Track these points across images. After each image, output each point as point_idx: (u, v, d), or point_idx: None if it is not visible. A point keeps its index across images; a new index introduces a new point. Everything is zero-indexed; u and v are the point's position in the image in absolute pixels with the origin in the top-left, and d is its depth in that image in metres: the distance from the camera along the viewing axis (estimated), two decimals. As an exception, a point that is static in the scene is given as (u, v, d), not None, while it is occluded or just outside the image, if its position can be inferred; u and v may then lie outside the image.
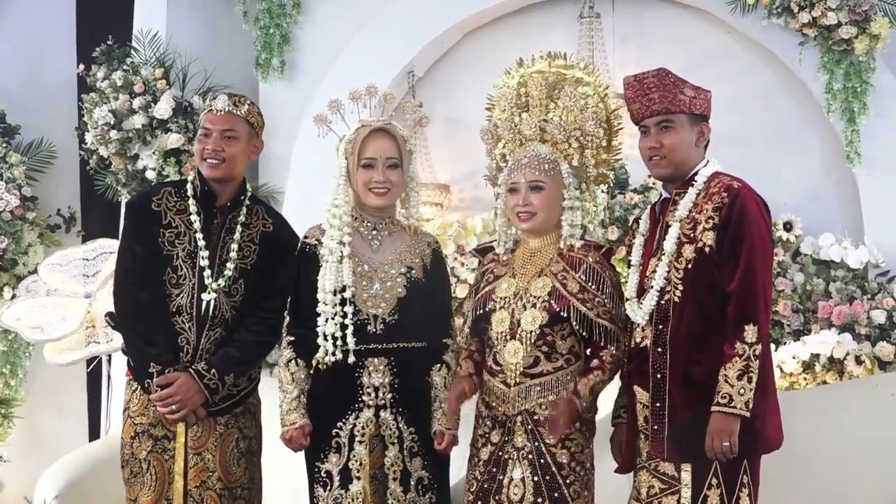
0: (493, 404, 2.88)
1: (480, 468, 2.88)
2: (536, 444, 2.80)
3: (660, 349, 2.68)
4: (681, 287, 2.67)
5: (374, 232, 3.00)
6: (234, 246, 3.04)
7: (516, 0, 4.79)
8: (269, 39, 5.00)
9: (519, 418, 2.82)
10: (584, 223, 2.91)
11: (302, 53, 5.06)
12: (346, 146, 2.98)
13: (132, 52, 4.90)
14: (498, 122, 3.01)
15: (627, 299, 2.82)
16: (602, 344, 2.81)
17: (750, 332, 2.57)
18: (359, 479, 2.86)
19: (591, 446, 2.87)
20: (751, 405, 2.55)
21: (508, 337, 2.84)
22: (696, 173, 2.75)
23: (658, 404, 2.67)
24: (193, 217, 3.03)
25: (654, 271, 2.73)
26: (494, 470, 2.84)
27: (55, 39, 5.51)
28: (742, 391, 2.55)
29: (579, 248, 2.86)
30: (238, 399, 3.04)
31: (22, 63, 5.54)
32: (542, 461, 2.78)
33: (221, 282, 3.01)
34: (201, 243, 3.01)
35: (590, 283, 2.82)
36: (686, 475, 2.64)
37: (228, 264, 3.02)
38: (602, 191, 3.00)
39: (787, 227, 4.24)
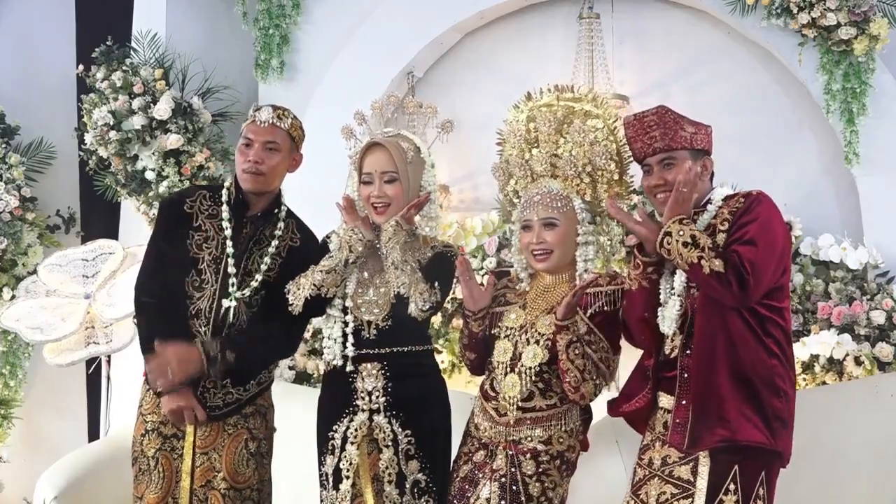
0: (482, 427, 2.89)
1: (456, 484, 2.88)
2: (513, 470, 2.79)
3: (688, 351, 2.67)
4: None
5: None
6: (267, 259, 3.02)
7: (516, 1, 4.79)
8: (269, 40, 5.01)
9: (503, 444, 2.83)
10: (599, 257, 2.89)
11: (301, 54, 5.07)
12: (352, 164, 3.01)
13: (131, 52, 4.89)
14: (509, 159, 2.98)
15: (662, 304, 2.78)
16: None
17: (718, 262, 2.54)
18: (348, 478, 2.87)
19: (566, 485, 2.86)
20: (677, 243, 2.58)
21: (508, 369, 2.84)
22: (709, 200, 2.74)
23: (684, 401, 2.65)
24: (225, 224, 3.03)
25: (673, 278, 2.71)
26: (467, 486, 2.85)
27: (55, 40, 5.52)
28: (682, 233, 2.57)
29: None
30: (244, 402, 3.03)
31: (21, 63, 5.54)
32: (513, 488, 2.77)
33: (247, 291, 2.99)
34: (230, 250, 2.99)
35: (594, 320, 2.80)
36: (702, 481, 2.61)
37: (257, 276, 3.00)
38: (616, 223, 2.92)
39: (787, 227, 4.23)
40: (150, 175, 4.74)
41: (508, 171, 2.98)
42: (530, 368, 2.81)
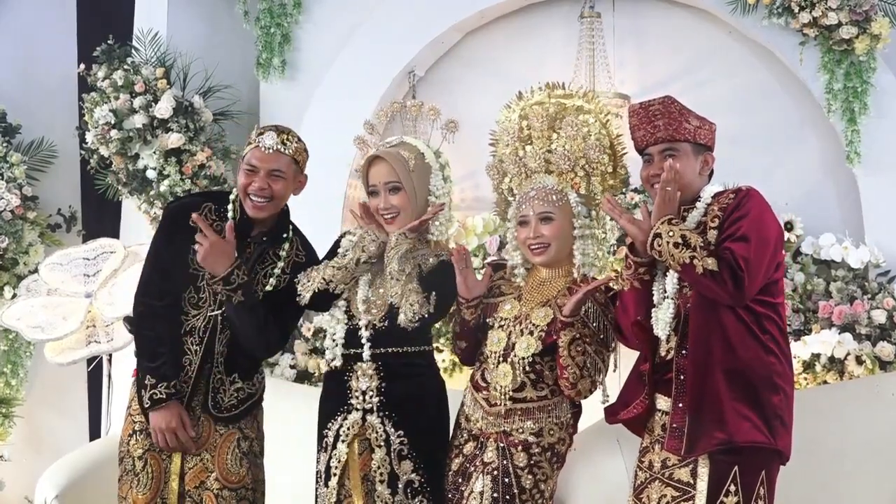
0: (472, 419, 2.90)
1: (449, 478, 2.90)
2: (504, 462, 2.81)
3: (684, 352, 2.67)
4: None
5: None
6: (273, 281, 3.02)
7: (516, 0, 4.79)
8: (270, 39, 5.01)
9: (493, 435, 2.84)
10: (596, 251, 2.91)
11: (302, 53, 5.07)
12: (360, 177, 3.05)
13: (133, 51, 4.89)
14: (503, 157, 3.01)
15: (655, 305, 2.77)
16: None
17: (710, 261, 2.53)
18: (335, 475, 2.89)
19: (556, 478, 2.87)
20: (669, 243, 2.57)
21: (501, 359, 2.86)
22: (698, 197, 2.73)
23: (681, 405, 2.64)
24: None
25: (665, 279, 2.71)
26: (460, 480, 2.87)
27: (55, 39, 5.51)
28: (672, 233, 2.57)
29: (591, 279, 2.84)
30: (256, 399, 3.05)
31: (22, 62, 5.54)
32: (505, 480, 2.79)
33: None
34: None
35: (591, 322, 2.82)
36: (702, 483, 2.60)
37: (260, 293, 3.00)
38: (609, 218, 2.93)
39: (788, 226, 4.23)
40: (151, 174, 4.74)
41: (503, 169, 3.02)
42: (523, 359, 2.83)
